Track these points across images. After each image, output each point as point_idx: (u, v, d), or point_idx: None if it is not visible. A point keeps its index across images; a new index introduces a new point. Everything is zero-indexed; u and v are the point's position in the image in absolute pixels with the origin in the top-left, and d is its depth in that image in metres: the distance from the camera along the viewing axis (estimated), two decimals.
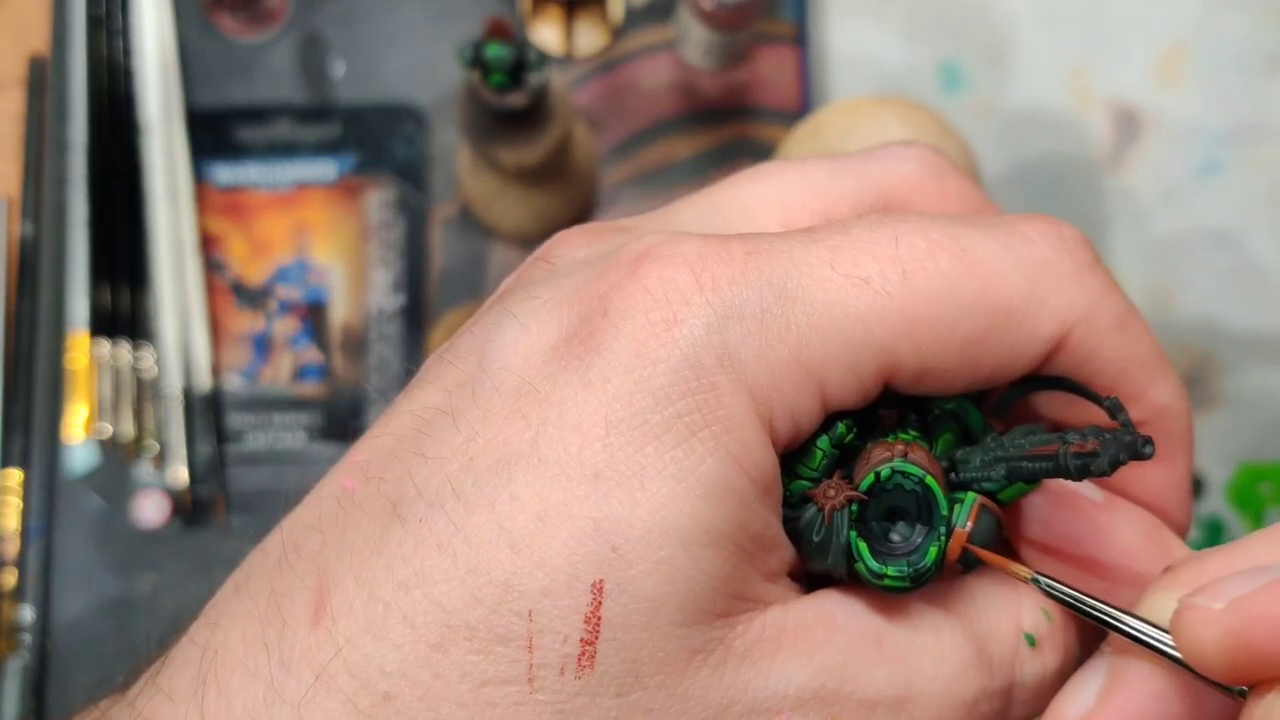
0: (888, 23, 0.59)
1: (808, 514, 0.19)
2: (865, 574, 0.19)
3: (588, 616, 0.16)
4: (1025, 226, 0.20)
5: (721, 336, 0.17)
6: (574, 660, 0.16)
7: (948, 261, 0.19)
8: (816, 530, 0.19)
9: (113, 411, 0.53)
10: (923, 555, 0.19)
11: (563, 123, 0.49)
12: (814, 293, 0.18)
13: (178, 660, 0.18)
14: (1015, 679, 0.19)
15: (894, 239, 0.19)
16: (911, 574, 0.19)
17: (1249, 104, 0.58)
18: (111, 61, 0.56)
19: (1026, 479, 0.20)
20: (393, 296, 0.55)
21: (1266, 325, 0.56)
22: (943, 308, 0.18)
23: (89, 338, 0.53)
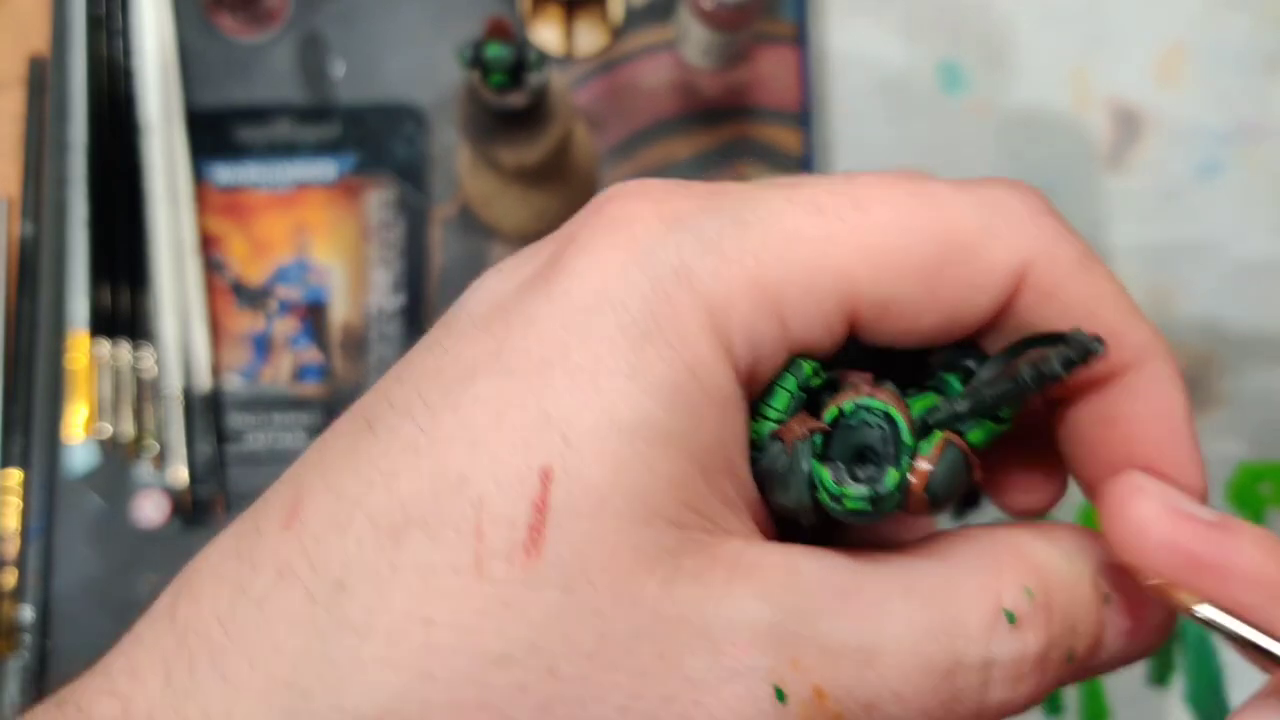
0: (888, 23, 0.59)
1: (772, 449, 0.19)
2: (826, 500, 0.19)
3: (535, 502, 0.17)
4: (984, 180, 0.21)
5: (680, 255, 0.18)
6: (520, 547, 0.16)
7: (901, 194, 0.19)
8: (779, 463, 0.19)
9: (113, 411, 0.53)
10: (883, 477, 0.18)
11: (563, 123, 0.49)
12: (770, 221, 0.19)
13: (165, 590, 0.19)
14: (993, 655, 0.18)
15: (849, 179, 0.19)
16: (870, 495, 0.18)
17: (1249, 104, 0.58)
18: (111, 61, 0.56)
19: (991, 408, 0.19)
20: (393, 296, 0.55)
21: (1266, 325, 0.56)
22: (896, 234, 0.19)
23: (89, 338, 0.53)
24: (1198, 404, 0.55)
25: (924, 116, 0.58)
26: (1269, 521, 0.54)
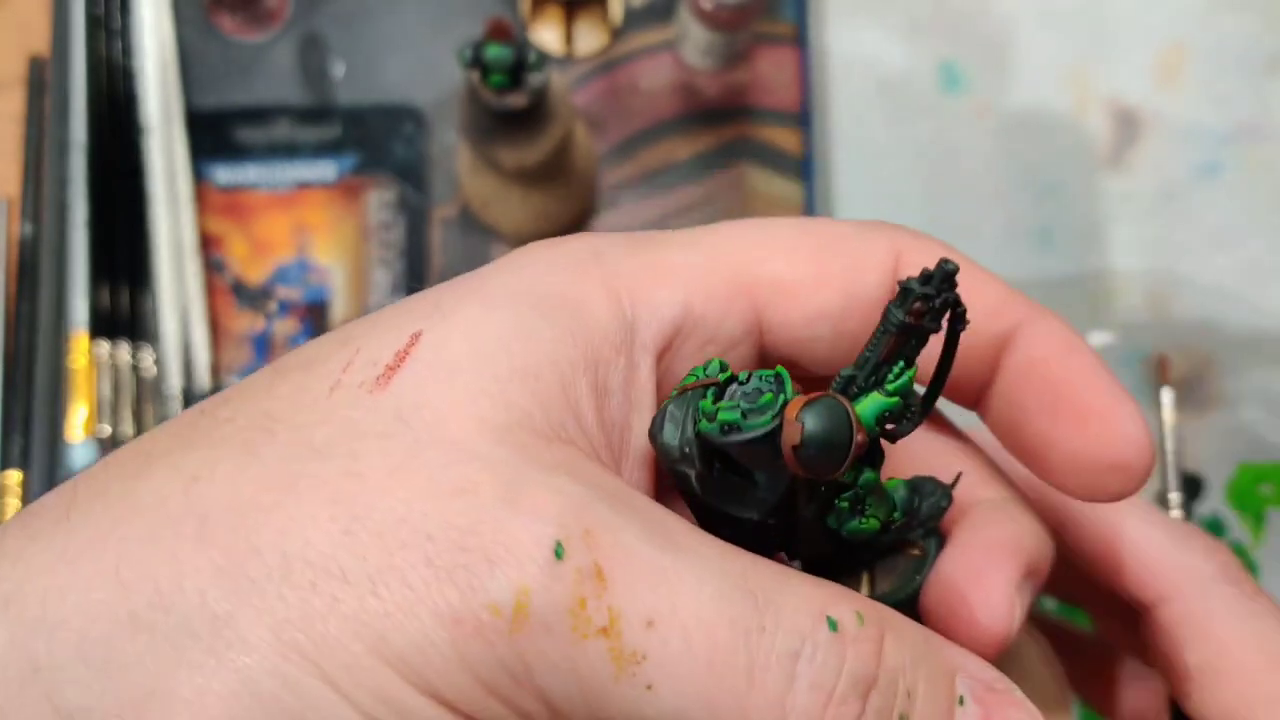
0: (888, 23, 0.59)
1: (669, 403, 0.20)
2: (705, 426, 0.19)
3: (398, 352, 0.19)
4: None
5: (595, 245, 0.21)
6: (372, 379, 0.19)
7: (783, 217, 0.23)
8: (670, 410, 0.20)
9: (113, 411, 0.53)
10: (759, 403, 0.19)
11: (563, 123, 0.49)
12: (668, 235, 0.22)
13: None
14: (803, 652, 0.18)
15: (722, 224, 0.23)
16: (743, 410, 0.19)
17: (1249, 104, 0.58)
18: (111, 61, 0.56)
19: (874, 365, 0.20)
20: (393, 297, 0.55)
21: (1266, 325, 0.56)
22: (780, 235, 0.22)
23: (89, 338, 0.53)
24: (1198, 404, 0.55)
25: (924, 117, 0.58)
26: (1269, 521, 0.54)
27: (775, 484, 0.19)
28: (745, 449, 0.19)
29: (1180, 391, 0.55)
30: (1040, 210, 0.57)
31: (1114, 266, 0.57)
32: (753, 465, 0.19)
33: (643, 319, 0.21)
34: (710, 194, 0.57)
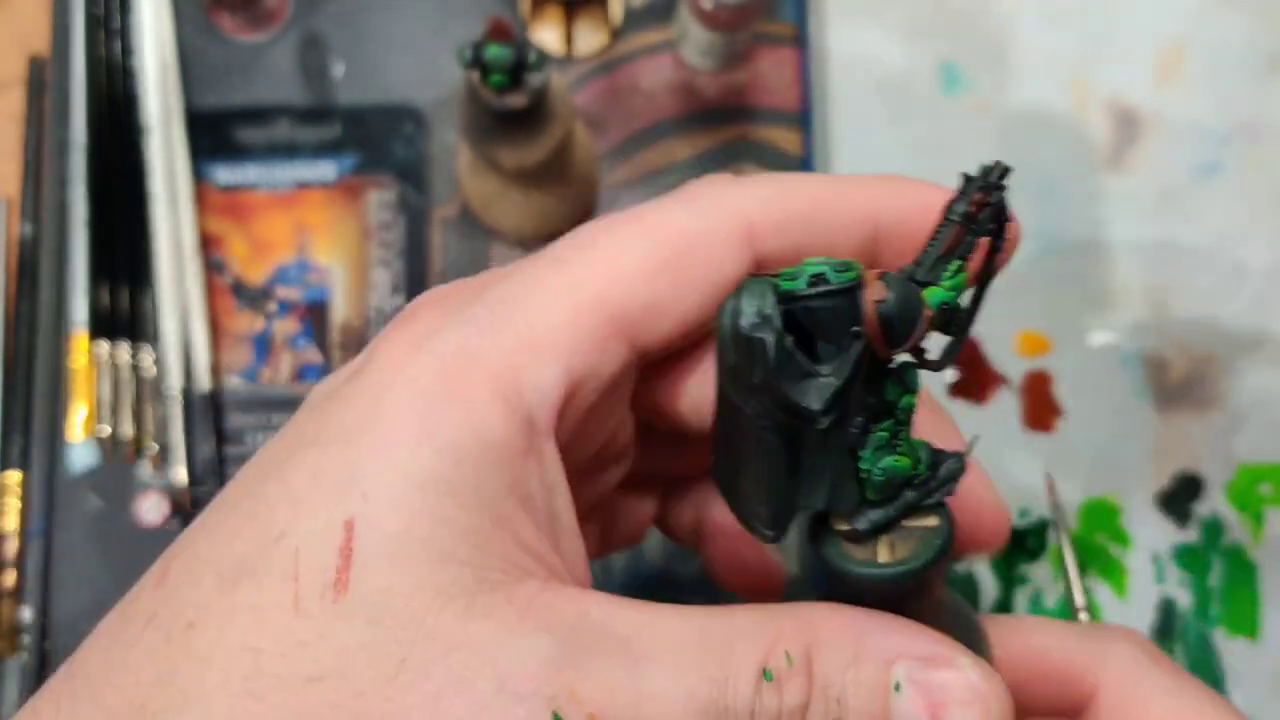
0: (888, 23, 0.59)
1: None
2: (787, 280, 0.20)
3: (341, 549, 0.19)
4: (680, 189, 0.24)
5: (460, 337, 0.22)
6: (330, 587, 0.19)
7: (619, 225, 0.23)
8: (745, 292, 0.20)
9: (113, 411, 0.53)
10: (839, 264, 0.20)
11: (563, 123, 0.49)
12: (533, 288, 0.22)
13: None
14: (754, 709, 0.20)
15: (578, 231, 0.23)
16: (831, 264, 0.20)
17: (1249, 104, 0.58)
18: (111, 61, 0.56)
19: (946, 247, 0.20)
20: (393, 297, 0.55)
21: (1266, 325, 0.56)
22: (629, 253, 0.22)
23: (89, 338, 0.53)
24: (1198, 404, 0.55)
25: (924, 117, 0.58)
26: (1269, 521, 0.54)
27: (842, 365, 0.20)
28: (829, 304, 0.20)
29: (1180, 391, 0.55)
30: (1040, 210, 0.57)
31: (1114, 266, 0.57)
32: (829, 330, 0.20)
33: (535, 407, 0.21)
34: None
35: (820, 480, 0.21)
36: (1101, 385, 0.55)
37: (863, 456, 0.21)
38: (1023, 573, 0.54)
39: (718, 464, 0.22)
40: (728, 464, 0.22)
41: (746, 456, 0.21)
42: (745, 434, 0.21)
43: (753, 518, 0.22)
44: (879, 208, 0.24)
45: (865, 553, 0.22)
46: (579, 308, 0.22)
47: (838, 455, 0.21)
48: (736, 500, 0.22)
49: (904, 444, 0.21)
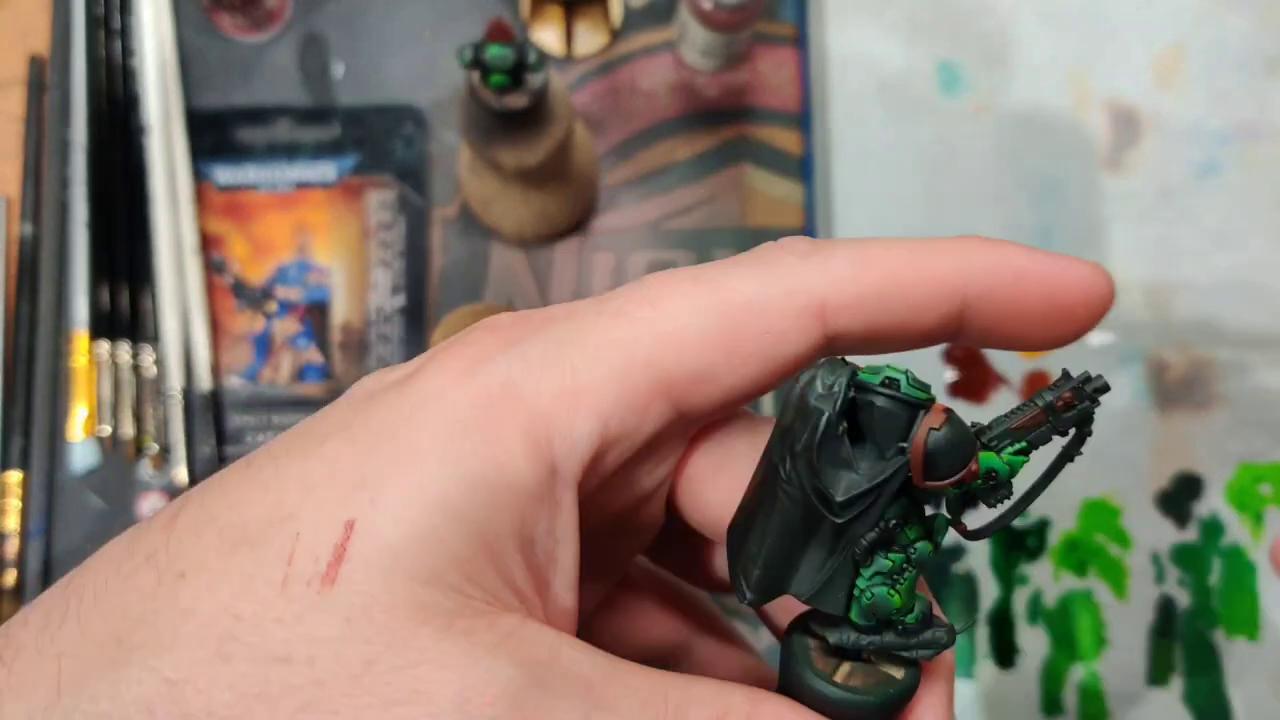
0: (888, 23, 0.59)
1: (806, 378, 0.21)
2: (867, 372, 0.20)
3: (336, 545, 0.20)
4: (750, 251, 0.24)
5: (508, 371, 0.22)
6: (319, 577, 0.20)
7: (686, 284, 0.23)
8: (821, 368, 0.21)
9: (113, 411, 0.53)
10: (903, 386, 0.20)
11: (563, 124, 0.49)
12: (584, 334, 0.22)
13: None
14: None
15: (643, 282, 0.23)
16: (897, 379, 0.20)
17: (1248, 104, 0.58)
18: (111, 61, 0.56)
19: (1020, 424, 0.21)
20: (393, 297, 0.55)
21: (1266, 325, 0.56)
22: (687, 318, 0.22)
23: (89, 338, 0.53)
24: (1198, 404, 0.55)
25: (924, 117, 0.58)
26: (1269, 521, 0.54)
27: (876, 471, 0.20)
28: (889, 408, 0.20)
29: (1180, 391, 0.55)
30: (1040, 210, 0.57)
31: (1114, 266, 0.57)
32: (881, 434, 0.20)
33: (563, 456, 0.22)
34: (710, 194, 0.57)
35: (816, 573, 0.22)
36: None
37: (862, 574, 0.21)
38: (1023, 573, 0.54)
39: (738, 513, 0.23)
40: (745, 514, 0.23)
41: (764, 514, 0.22)
42: (772, 493, 0.21)
43: (742, 574, 0.22)
44: (964, 282, 0.23)
45: (826, 665, 0.23)
46: (628, 365, 0.22)
47: (841, 559, 0.21)
48: (736, 553, 0.23)
49: (905, 585, 0.21)
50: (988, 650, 0.53)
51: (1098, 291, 0.23)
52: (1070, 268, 0.23)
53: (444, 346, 0.23)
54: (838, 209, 0.57)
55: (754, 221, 0.57)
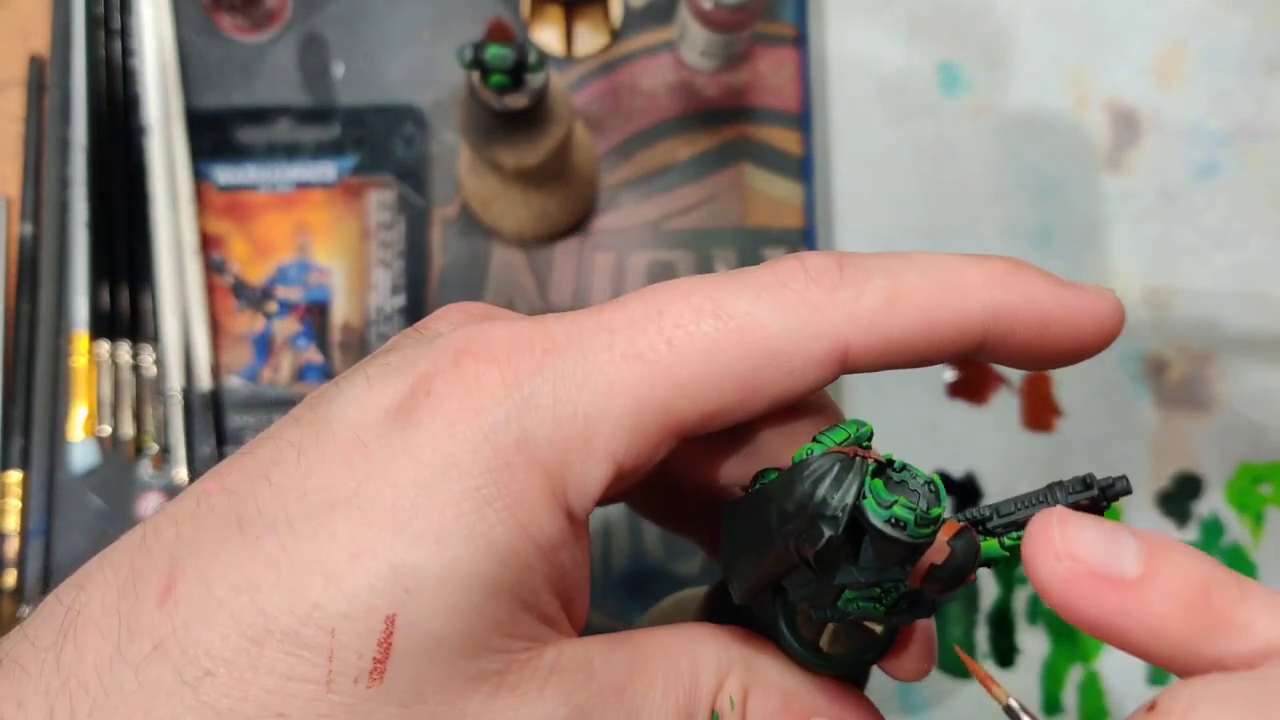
0: (888, 23, 0.59)
1: (817, 459, 0.21)
2: (872, 507, 0.20)
3: (380, 641, 0.20)
4: (773, 271, 0.23)
5: (520, 424, 0.21)
6: (366, 673, 0.19)
7: (706, 322, 0.22)
8: (825, 464, 0.20)
9: (113, 411, 0.53)
10: (928, 507, 0.20)
11: (563, 124, 0.49)
12: (596, 377, 0.21)
13: (44, 614, 0.21)
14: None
15: (659, 312, 0.22)
16: (921, 512, 0.20)
17: (1248, 104, 0.58)
18: (111, 61, 0.56)
19: (1014, 521, 0.21)
20: (393, 297, 0.56)
21: (1266, 325, 0.56)
22: (705, 362, 0.22)
23: (89, 338, 0.53)
24: (1198, 404, 0.55)
25: (924, 117, 0.58)
26: (1269, 521, 0.54)
27: (875, 576, 0.21)
28: (895, 544, 0.20)
29: (1180, 391, 0.55)
30: (1040, 210, 0.57)
31: (1114, 266, 0.57)
32: (882, 558, 0.21)
33: (577, 499, 0.22)
34: (710, 194, 0.57)
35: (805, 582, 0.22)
36: (1101, 385, 0.55)
37: (846, 595, 0.22)
38: (1022, 573, 0.54)
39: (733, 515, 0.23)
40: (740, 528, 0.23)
41: (757, 546, 0.22)
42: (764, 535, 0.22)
43: (736, 576, 0.23)
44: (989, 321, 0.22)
45: (809, 630, 0.24)
46: (641, 410, 0.21)
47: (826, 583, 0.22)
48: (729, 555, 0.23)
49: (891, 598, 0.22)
50: (988, 650, 0.53)
51: (1111, 322, 0.23)
52: (1089, 302, 0.22)
53: (439, 377, 0.21)
54: (838, 209, 0.57)
55: (754, 221, 0.57)
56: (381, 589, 0.20)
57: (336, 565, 0.20)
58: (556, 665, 0.21)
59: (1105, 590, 0.19)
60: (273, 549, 0.20)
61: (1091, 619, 0.19)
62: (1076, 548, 0.19)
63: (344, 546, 0.20)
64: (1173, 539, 0.20)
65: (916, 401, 0.55)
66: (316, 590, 0.20)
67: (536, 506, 0.21)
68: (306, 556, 0.20)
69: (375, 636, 0.19)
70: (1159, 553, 0.19)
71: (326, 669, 0.19)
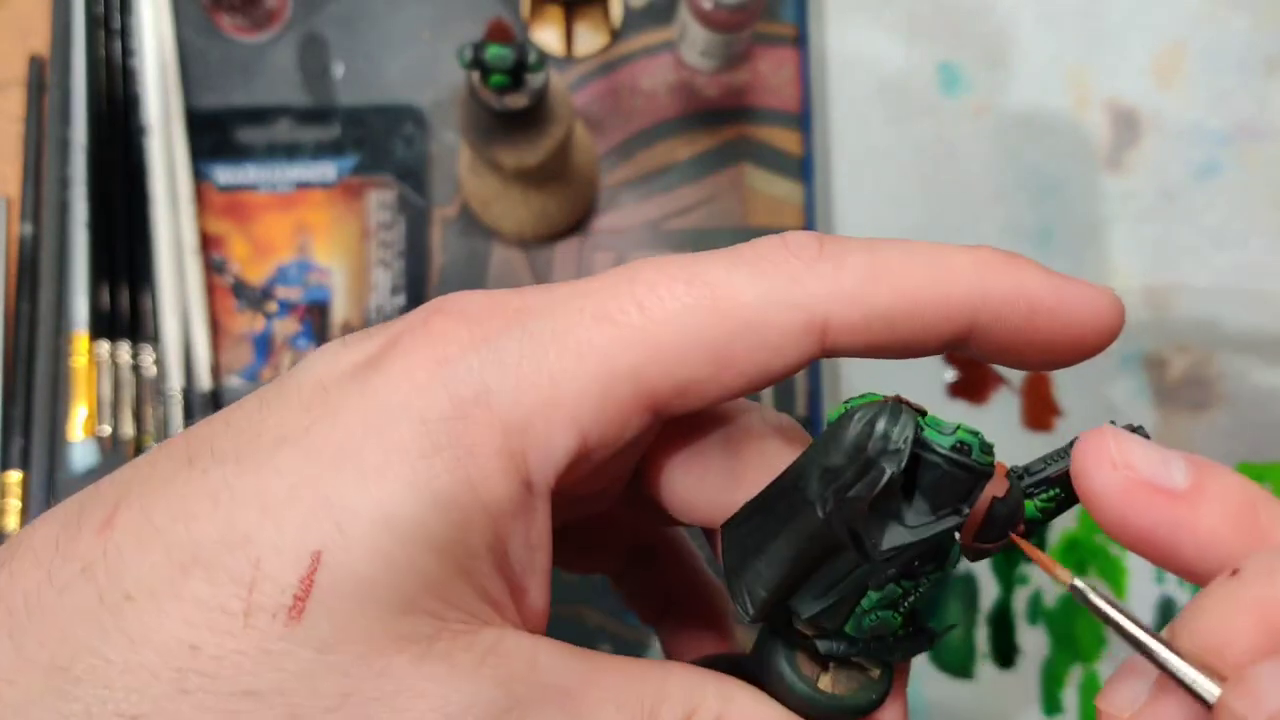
0: (888, 23, 0.59)
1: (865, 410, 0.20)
2: (933, 436, 0.20)
3: (303, 578, 0.19)
4: (752, 246, 0.22)
5: (482, 377, 0.20)
6: (285, 610, 0.19)
7: (679, 287, 0.21)
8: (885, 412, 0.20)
9: (113, 411, 0.53)
10: (978, 447, 0.19)
11: (563, 124, 0.49)
12: (565, 337, 0.21)
13: (1, 548, 0.21)
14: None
15: (632, 279, 0.21)
16: (974, 440, 0.20)
17: (1248, 104, 0.58)
18: (111, 61, 0.56)
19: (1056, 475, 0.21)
20: (393, 297, 0.56)
21: (1266, 325, 0.56)
22: (678, 328, 0.21)
23: (89, 338, 0.53)
24: (1198, 404, 0.55)
25: (924, 117, 0.58)
26: None
27: (926, 529, 0.20)
28: (958, 475, 0.20)
29: (1180, 391, 0.55)
30: (1040, 210, 0.57)
31: (1114, 266, 0.57)
32: (936, 491, 0.20)
33: (538, 469, 0.21)
34: (710, 194, 0.57)
35: (821, 593, 0.21)
36: (1101, 385, 0.55)
37: (869, 596, 0.21)
38: (1023, 573, 0.54)
39: (739, 526, 0.22)
40: (754, 528, 0.22)
41: (782, 540, 0.21)
42: (795, 523, 0.21)
43: (746, 591, 0.22)
44: (978, 305, 0.21)
45: (810, 668, 0.22)
46: (611, 376, 0.20)
47: (852, 582, 0.21)
48: (739, 566, 0.22)
49: (908, 608, 0.21)
50: (988, 650, 0.53)
51: (1108, 320, 0.22)
52: (1084, 296, 0.22)
53: (408, 332, 0.21)
54: (838, 209, 0.57)
55: (754, 221, 0.57)
56: (313, 525, 0.19)
57: (274, 499, 0.19)
58: (496, 648, 0.20)
59: (1159, 500, 0.19)
60: (216, 482, 0.20)
61: (1147, 530, 0.19)
62: (1131, 458, 0.19)
63: (285, 480, 0.19)
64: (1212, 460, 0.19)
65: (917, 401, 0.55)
66: (250, 522, 0.19)
67: (489, 464, 0.20)
68: (247, 489, 0.19)
69: (299, 572, 0.19)
70: (1204, 469, 0.19)
71: (246, 601, 0.19)
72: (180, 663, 0.18)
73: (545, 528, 0.21)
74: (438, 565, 0.19)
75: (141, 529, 0.19)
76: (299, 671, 0.19)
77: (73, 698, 0.18)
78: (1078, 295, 0.22)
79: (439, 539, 0.19)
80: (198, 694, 0.18)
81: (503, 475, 0.20)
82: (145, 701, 0.18)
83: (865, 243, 0.22)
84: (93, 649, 0.19)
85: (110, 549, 0.19)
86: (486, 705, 0.19)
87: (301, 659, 0.19)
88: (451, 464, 0.20)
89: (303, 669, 0.19)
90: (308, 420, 0.20)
